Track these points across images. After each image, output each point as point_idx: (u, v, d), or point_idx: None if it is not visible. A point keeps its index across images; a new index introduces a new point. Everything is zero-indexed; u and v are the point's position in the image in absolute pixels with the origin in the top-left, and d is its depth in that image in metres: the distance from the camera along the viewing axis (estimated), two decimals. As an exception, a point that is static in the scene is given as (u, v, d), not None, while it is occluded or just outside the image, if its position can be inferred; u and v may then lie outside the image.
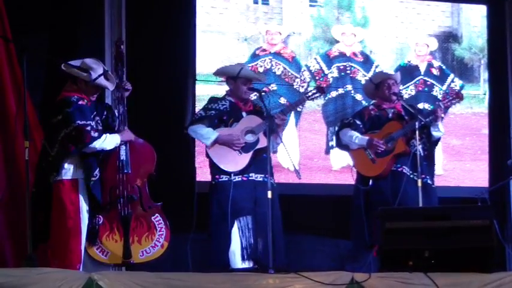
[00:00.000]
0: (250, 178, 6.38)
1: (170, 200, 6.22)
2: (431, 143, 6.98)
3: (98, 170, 5.81)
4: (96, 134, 5.76)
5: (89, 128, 5.73)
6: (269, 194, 5.83)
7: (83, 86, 5.89)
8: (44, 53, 7.03)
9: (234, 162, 6.38)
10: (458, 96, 6.95)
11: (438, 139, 7.07)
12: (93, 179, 5.75)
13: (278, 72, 8.48)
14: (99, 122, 5.93)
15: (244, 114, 6.55)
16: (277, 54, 8.53)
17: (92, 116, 5.87)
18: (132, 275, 5.26)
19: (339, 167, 8.44)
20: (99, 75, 5.85)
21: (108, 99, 6.47)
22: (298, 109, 8.12)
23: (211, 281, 5.26)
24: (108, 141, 5.83)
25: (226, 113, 6.49)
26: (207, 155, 6.51)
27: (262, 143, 6.37)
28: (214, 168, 6.41)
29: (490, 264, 5.58)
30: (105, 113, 6.05)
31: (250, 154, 6.41)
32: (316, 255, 8.01)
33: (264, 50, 8.51)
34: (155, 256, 5.94)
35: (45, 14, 7.36)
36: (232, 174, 6.35)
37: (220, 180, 6.37)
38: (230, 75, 6.63)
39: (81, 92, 5.87)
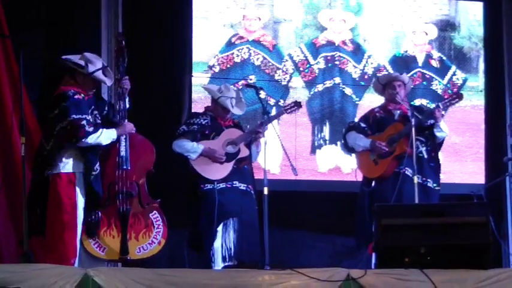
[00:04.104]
0: (234, 185, 7.03)
1: (167, 197, 6.66)
2: (436, 145, 7.41)
3: (98, 164, 6.21)
4: (91, 129, 6.14)
5: (84, 122, 6.12)
6: (265, 190, 6.45)
7: (81, 79, 6.30)
8: (41, 49, 7.44)
9: (217, 170, 7.00)
10: (458, 96, 7.32)
11: (443, 140, 7.50)
12: (94, 173, 6.17)
13: (257, 63, 8.52)
14: (97, 116, 6.32)
15: (224, 128, 7.15)
16: (256, 42, 8.54)
17: (90, 111, 6.26)
18: (128, 271, 5.63)
19: (326, 170, 8.63)
20: (97, 70, 6.27)
21: (105, 95, 6.88)
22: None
23: (207, 277, 5.65)
24: (103, 136, 6.23)
25: (208, 127, 7.09)
26: (191, 168, 7.00)
27: (244, 152, 7.07)
28: (198, 179, 6.99)
29: (485, 260, 5.95)
30: (106, 108, 6.46)
31: (231, 163, 7.03)
32: (312, 252, 8.42)
33: (241, 38, 8.52)
34: (152, 253, 6.41)
35: (42, 9, 7.74)
36: (215, 182, 6.96)
37: (205, 188, 6.97)
38: (212, 96, 7.22)
39: (79, 87, 6.27)
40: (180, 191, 7.26)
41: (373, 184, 7.39)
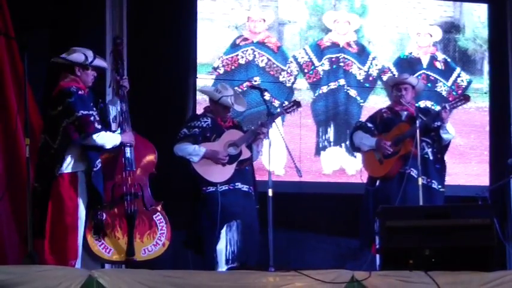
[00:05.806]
0: (236, 187, 7.03)
1: (170, 198, 6.69)
2: (442, 147, 7.42)
3: (99, 160, 6.17)
4: (99, 126, 6.12)
5: (92, 118, 6.10)
6: (270, 192, 6.42)
7: (81, 72, 6.25)
8: (45, 50, 7.41)
9: (219, 173, 7.00)
10: (464, 98, 7.33)
11: (449, 142, 7.51)
12: (95, 169, 6.12)
13: (262, 64, 8.53)
14: (97, 113, 6.25)
15: (225, 129, 7.15)
16: (261, 44, 8.55)
17: (92, 106, 6.21)
18: (133, 272, 5.66)
19: (330, 171, 8.62)
20: (94, 59, 6.25)
21: (109, 96, 6.91)
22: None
23: (212, 278, 5.69)
24: (109, 139, 6.21)
25: (209, 130, 7.08)
26: (193, 170, 7.00)
27: (245, 154, 7.07)
28: (200, 181, 7.00)
29: (490, 262, 5.98)
30: (101, 106, 6.41)
31: (234, 165, 7.03)
32: (316, 254, 8.44)
33: (246, 39, 8.55)
34: (157, 254, 6.44)
35: (47, 11, 7.77)
36: (218, 185, 6.96)
37: (207, 191, 6.97)
38: (211, 98, 7.21)
39: (79, 82, 6.22)
40: (183, 193, 7.26)
41: (377, 183, 7.41)
